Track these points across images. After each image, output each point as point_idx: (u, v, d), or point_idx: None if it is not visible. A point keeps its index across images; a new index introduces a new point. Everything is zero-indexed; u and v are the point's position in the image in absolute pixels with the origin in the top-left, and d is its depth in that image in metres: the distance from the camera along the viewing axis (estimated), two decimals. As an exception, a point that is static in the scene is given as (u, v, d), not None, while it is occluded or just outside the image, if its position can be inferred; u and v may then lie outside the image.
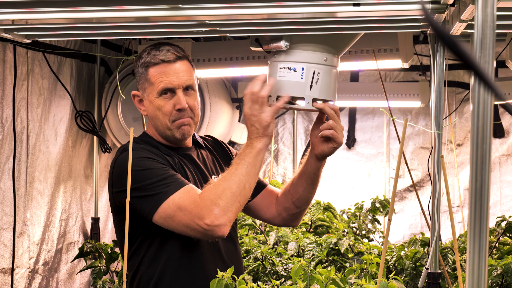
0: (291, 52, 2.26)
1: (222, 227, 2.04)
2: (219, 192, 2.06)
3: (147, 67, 2.26)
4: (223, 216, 2.04)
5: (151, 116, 2.29)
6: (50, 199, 3.69)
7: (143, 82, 2.28)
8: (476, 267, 1.33)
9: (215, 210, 2.03)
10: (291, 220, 2.48)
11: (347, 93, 4.51)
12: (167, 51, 2.25)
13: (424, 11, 1.88)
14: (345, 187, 5.20)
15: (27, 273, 3.51)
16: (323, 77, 2.24)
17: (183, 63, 2.27)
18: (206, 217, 2.03)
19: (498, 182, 4.90)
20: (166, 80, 2.24)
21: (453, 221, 2.35)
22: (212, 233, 2.05)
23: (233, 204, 2.06)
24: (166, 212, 2.09)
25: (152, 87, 2.25)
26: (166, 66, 2.25)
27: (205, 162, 2.37)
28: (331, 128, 2.25)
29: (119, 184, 2.18)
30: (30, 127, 3.50)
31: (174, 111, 2.25)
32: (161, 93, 2.24)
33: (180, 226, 2.09)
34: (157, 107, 2.25)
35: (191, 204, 2.06)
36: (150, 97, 2.26)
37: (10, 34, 2.39)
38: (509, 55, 3.08)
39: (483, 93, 1.31)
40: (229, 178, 2.09)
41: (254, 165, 2.13)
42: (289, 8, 1.97)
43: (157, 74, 2.24)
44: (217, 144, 2.49)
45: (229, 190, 2.06)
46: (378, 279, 2.13)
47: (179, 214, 2.07)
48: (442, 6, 1.94)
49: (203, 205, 2.04)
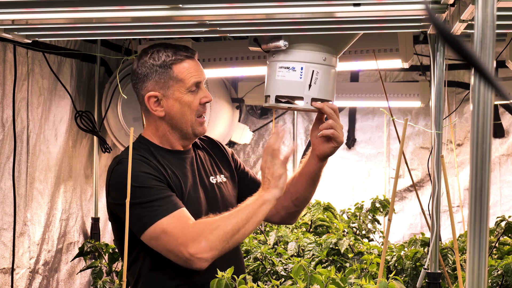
0: (290, 51, 2.26)
1: (203, 262, 2.03)
2: (212, 228, 2.05)
3: (171, 65, 2.23)
4: (208, 252, 2.03)
5: (174, 115, 2.25)
6: (50, 199, 3.69)
7: (165, 81, 2.23)
8: (476, 267, 1.33)
9: (202, 243, 2.02)
10: (289, 218, 2.49)
11: (347, 93, 4.51)
12: (183, 48, 2.26)
13: (427, 10, 1.87)
14: (345, 187, 5.20)
15: (27, 273, 3.51)
16: (322, 76, 2.24)
17: (197, 59, 2.31)
18: (191, 246, 2.02)
19: (498, 182, 4.90)
20: (196, 75, 2.25)
21: (453, 221, 2.36)
22: (191, 263, 2.04)
23: (221, 243, 2.04)
24: (152, 235, 2.09)
25: (181, 83, 2.23)
26: (190, 61, 2.26)
27: (203, 164, 2.36)
28: (331, 127, 2.25)
29: (115, 197, 2.19)
30: (30, 127, 3.50)
31: (199, 106, 2.26)
32: (192, 88, 2.24)
33: (163, 249, 2.09)
34: (186, 103, 2.23)
35: (178, 230, 2.05)
36: (177, 94, 2.23)
37: (10, 34, 2.40)
38: (509, 55, 3.08)
39: (484, 93, 1.31)
40: (226, 218, 2.08)
41: (257, 214, 2.10)
42: (289, 8, 1.97)
43: (185, 70, 2.24)
44: (213, 144, 2.48)
45: (223, 229, 2.04)
46: (378, 279, 2.13)
47: (164, 238, 2.07)
48: (442, 6, 1.94)
49: (192, 234, 2.03)
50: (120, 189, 2.10)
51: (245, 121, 5.28)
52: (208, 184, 2.32)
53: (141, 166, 2.15)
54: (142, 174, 2.13)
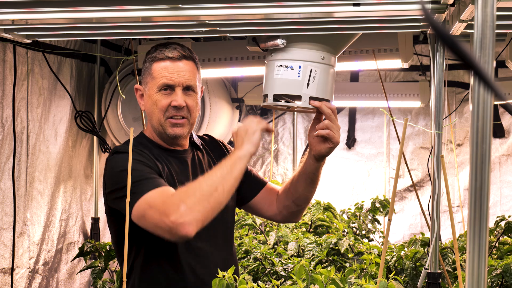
0: (288, 50, 2.25)
1: (187, 226, 1.99)
2: (189, 192, 2.03)
3: (152, 62, 2.27)
4: (189, 215, 1.99)
5: (148, 111, 2.30)
6: (50, 199, 3.69)
7: (146, 76, 2.30)
8: (476, 267, 1.33)
9: (181, 208, 1.99)
10: (291, 217, 2.50)
11: (347, 93, 4.51)
12: (174, 49, 2.27)
13: (424, 10, 1.88)
14: (345, 187, 5.20)
15: (27, 273, 3.51)
16: (320, 75, 2.24)
17: (187, 63, 2.28)
18: (171, 214, 1.99)
19: (498, 182, 4.90)
20: (167, 76, 2.24)
21: (453, 221, 2.36)
22: (176, 231, 1.99)
23: (201, 203, 2.01)
24: (139, 211, 2.07)
25: (153, 82, 2.26)
26: (170, 62, 2.26)
27: (200, 165, 2.36)
28: (327, 127, 2.24)
29: (108, 185, 2.20)
30: (30, 127, 3.50)
31: (170, 108, 2.25)
32: (161, 88, 2.25)
33: (151, 225, 2.06)
34: (154, 101, 2.25)
35: (160, 202, 2.04)
36: (150, 91, 2.27)
37: (10, 34, 2.40)
38: (509, 55, 3.08)
39: (483, 93, 1.31)
40: (202, 180, 2.07)
41: (232, 171, 2.09)
42: (289, 8, 1.97)
43: (160, 69, 2.25)
44: (213, 144, 2.48)
45: (199, 191, 2.03)
46: (378, 279, 2.13)
47: (150, 213, 2.05)
48: (442, 6, 1.94)
49: (171, 203, 2.02)
50: (112, 176, 2.17)
51: (245, 121, 5.27)
52: None
53: (134, 154, 2.16)
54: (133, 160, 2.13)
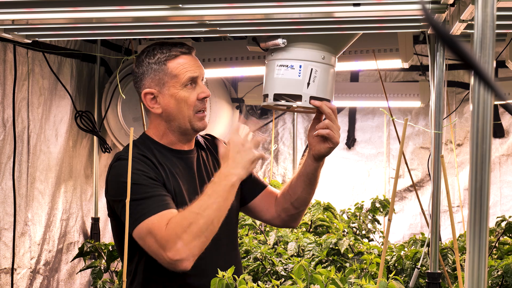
0: (289, 50, 2.25)
1: (184, 262, 2.01)
2: (185, 226, 2.02)
3: (165, 61, 2.24)
4: (186, 251, 2.01)
5: (171, 112, 2.25)
6: (51, 199, 3.69)
7: (160, 78, 2.24)
8: (476, 267, 1.33)
9: (178, 244, 2.00)
10: (290, 221, 2.47)
11: (347, 93, 4.51)
12: (181, 45, 2.26)
13: (424, 10, 1.88)
14: (345, 187, 5.20)
15: (28, 273, 3.51)
16: (320, 75, 2.24)
17: (194, 56, 2.30)
18: (169, 249, 2.00)
19: (498, 182, 4.90)
20: (191, 70, 2.24)
21: (453, 221, 2.36)
22: (173, 266, 2.02)
23: (197, 239, 2.02)
24: (140, 234, 2.09)
25: (176, 79, 2.23)
26: (185, 57, 2.25)
27: (205, 165, 2.35)
28: (327, 127, 2.24)
29: (112, 193, 2.20)
30: (31, 127, 3.50)
31: (197, 101, 2.24)
32: (186, 84, 2.23)
33: (149, 251, 2.09)
34: (182, 98, 2.23)
35: (160, 233, 2.03)
36: (172, 90, 2.23)
37: (11, 34, 2.40)
38: (509, 55, 3.08)
39: (483, 93, 1.31)
40: (198, 213, 2.04)
41: (226, 199, 2.07)
42: (289, 8, 1.97)
43: (179, 66, 2.23)
44: (216, 144, 2.46)
45: (196, 225, 2.02)
46: (378, 279, 2.13)
47: (149, 240, 2.07)
48: (442, 6, 1.94)
49: (168, 237, 2.01)
50: (115, 185, 2.16)
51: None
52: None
53: (137, 164, 2.15)
54: (137, 172, 2.13)
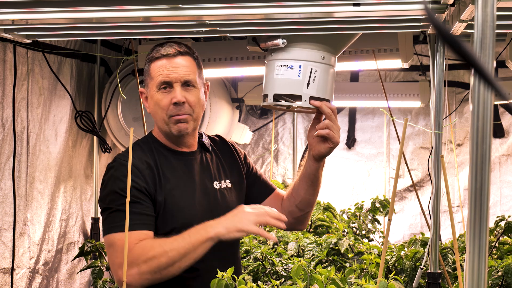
0: (288, 50, 2.25)
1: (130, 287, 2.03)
2: (148, 257, 2.03)
3: (150, 62, 2.26)
4: (137, 280, 2.03)
5: (152, 113, 2.27)
6: (51, 199, 3.69)
7: (146, 78, 2.28)
8: (476, 267, 1.32)
9: (133, 270, 2.02)
10: (296, 223, 2.46)
11: (347, 93, 4.51)
12: (169, 47, 2.25)
13: (426, 9, 1.88)
14: (345, 187, 5.21)
15: (27, 273, 3.51)
16: (320, 75, 2.23)
17: (184, 59, 2.25)
18: (120, 270, 2.00)
19: (498, 182, 4.90)
20: (164, 73, 2.22)
21: (453, 221, 2.35)
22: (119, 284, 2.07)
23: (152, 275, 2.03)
24: (107, 242, 2.13)
25: (152, 81, 2.24)
26: (166, 60, 2.23)
27: (208, 167, 2.33)
28: (327, 127, 2.24)
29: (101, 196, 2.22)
30: (30, 127, 3.50)
31: (171, 106, 2.21)
32: (160, 86, 2.22)
33: (108, 260, 2.13)
34: (155, 101, 2.23)
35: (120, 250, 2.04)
36: (151, 91, 2.25)
37: (10, 34, 2.39)
38: (509, 55, 3.08)
39: (483, 93, 1.31)
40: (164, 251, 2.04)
41: (196, 250, 2.05)
42: (289, 8, 1.97)
43: (157, 68, 2.23)
44: (225, 146, 2.44)
45: (157, 261, 2.02)
46: (378, 279, 2.13)
47: (111, 252, 2.10)
48: (442, 6, 1.94)
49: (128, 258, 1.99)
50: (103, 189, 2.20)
51: (245, 121, 5.28)
52: (210, 188, 2.29)
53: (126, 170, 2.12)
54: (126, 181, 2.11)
